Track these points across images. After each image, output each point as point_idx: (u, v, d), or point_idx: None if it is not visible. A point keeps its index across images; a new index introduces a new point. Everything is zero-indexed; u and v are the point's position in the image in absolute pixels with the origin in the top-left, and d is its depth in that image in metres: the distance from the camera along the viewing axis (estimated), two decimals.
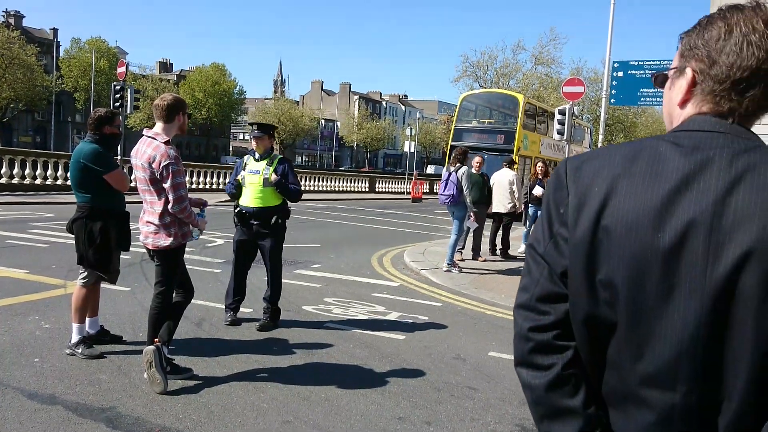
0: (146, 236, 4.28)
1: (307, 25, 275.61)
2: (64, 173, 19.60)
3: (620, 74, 15.97)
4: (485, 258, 10.66)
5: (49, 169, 19.71)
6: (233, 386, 4.28)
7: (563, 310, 1.10)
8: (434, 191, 35.93)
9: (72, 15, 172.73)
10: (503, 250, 11.30)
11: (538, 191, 11.20)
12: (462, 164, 9.15)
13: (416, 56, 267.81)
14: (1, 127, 55.23)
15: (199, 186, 25.63)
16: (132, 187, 4.88)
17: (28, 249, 9.07)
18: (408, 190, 36.12)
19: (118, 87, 20.28)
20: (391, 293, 7.71)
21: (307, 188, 30.45)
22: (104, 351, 4.76)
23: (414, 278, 8.90)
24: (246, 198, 5.85)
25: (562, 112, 14.66)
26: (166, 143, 4.19)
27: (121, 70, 21.98)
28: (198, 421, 3.70)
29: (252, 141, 5.97)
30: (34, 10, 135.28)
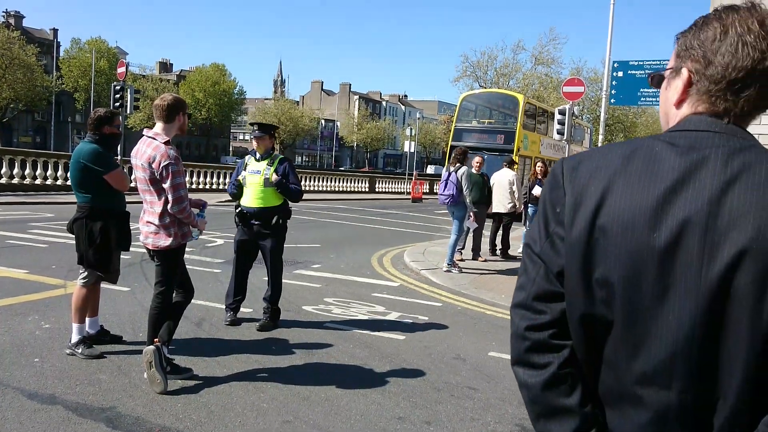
0: (146, 236, 4.29)
1: (307, 25, 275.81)
2: (64, 173, 19.61)
3: (620, 74, 15.98)
4: (485, 258, 10.66)
5: (49, 169, 19.72)
6: (233, 386, 4.29)
7: (560, 309, 1.11)
8: (434, 191, 35.91)
9: (72, 15, 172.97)
10: (503, 250, 11.31)
11: (538, 191, 11.19)
12: (462, 164, 9.15)
13: (416, 56, 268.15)
14: (1, 128, 55.25)
15: (199, 186, 25.63)
16: (132, 187, 4.88)
17: (28, 249, 9.08)
18: (408, 191, 36.13)
19: (118, 87, 20.30)
20: (391, 293, 7.71)
21: (308, 188, 30.45)
22: (104, 351, 4.76)
23: (414, 278, 8.90)
24: (247, 198, 5.85)
25: (562, 112, 14.66)
26: (166, 143, 4.19)
27: (121, 71, 22.00)
28: (198, 421, 3.70)
29: (253, 141, 5.98)
30: (34, 11, 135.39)
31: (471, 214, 9.31)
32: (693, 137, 1.04)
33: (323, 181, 34.16)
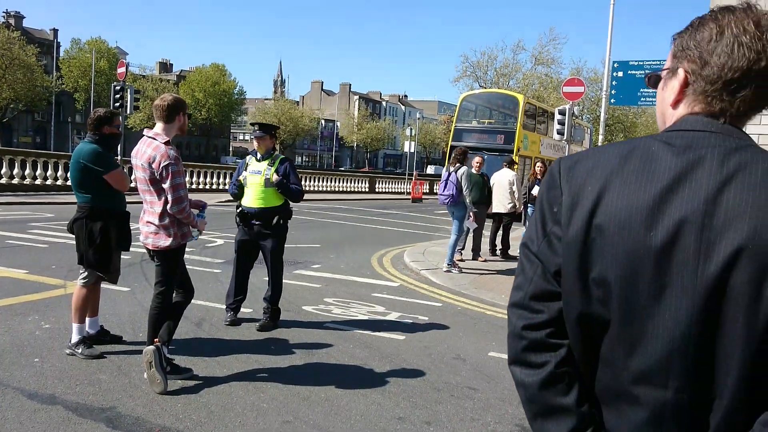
0: (146, 236, 4.29)
1: (307, 25, 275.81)
2: (64, 173, 19.62)
3: (620, 74, 15.97)
4: (485, 258, 10.67)
5: (49, 170, 19.73)
6: (233, 386, 4.29)
7: (557, 309, 1.11)
8: (434, 191, 35.92)
9: (72, 15, 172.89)
10: (503, 250, 11.31)
11: (537, 191, 11.20)
12: (462, 164, 9.16)
13: (416, 56, 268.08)
14: (1, 128, 55.27)
15: (199, 186, 25.63)
16: (132, 187, 4.89)
17: (28, 249, 9.08)
18: (408, 191, 36.13)
19: (118, 87, 20.31)
20: (391, 293, 7.72)
21: (308, 188, 30.43)
22: (104, 351, 4.77)
23: (414, 278, 8.90)
24: (248, 198, 5.86)
25: (562, 112, 14.66)
26: (166, 143, 4.20)
27: (121, 71, 22.00)
28: (198, 421, 3.71)
29: (254, 141, 5.99)
30: (34, 11, 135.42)
31: (471, 214, 9.31)
32: (689, 137, 1.05)
33: (323, 181, 34.17)
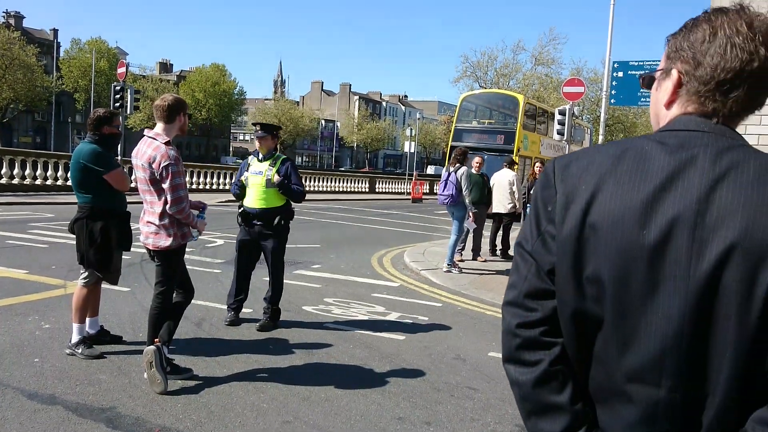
0: (146, 236, 4.30)
1: (307, 25, 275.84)
2: (64, 173, 19.63)
3: (620, 74, 15.95)
4: (485, 258, 10.67)
5: (49, 170, 19.73)
6: (233, 386, 4.30)
7: (551, 307, 1.12)
8: (434, 192, 35.90)
9: (72, 15, 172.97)
10: (503, 251, 11.31)
11: None
12: (462, 164, 9.16)
13: (416, 56, 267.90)
14: (1, 128, 55.31)
15: (199, 186, 25.63)
16: (133, 187, 4.90)
17: (28, 249, 9.09)
18: (408, 191, 36.12)
19: (118, 87, 20.33)
20: (391, 293, 7.72)
21: (308, 189, 30.38)
22: (104, 351, 4.78)
23: (414, 278, 8.91)
24: (249, 199, 5.87)
25: (562, 113, 14.66)
26: (167, 144, 4.21)
27: (121, 71, 22.01)
28: (198, 421, 3.71)
29: (255, 141, 6.00)
30: (34, 11, 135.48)
31: (470, 215, 9.32)
32: (682, 137, 1.06)
33: (323, 182, 34.18)
